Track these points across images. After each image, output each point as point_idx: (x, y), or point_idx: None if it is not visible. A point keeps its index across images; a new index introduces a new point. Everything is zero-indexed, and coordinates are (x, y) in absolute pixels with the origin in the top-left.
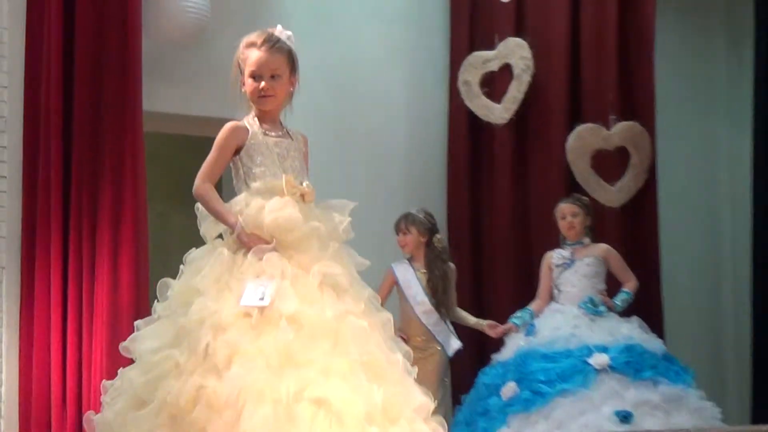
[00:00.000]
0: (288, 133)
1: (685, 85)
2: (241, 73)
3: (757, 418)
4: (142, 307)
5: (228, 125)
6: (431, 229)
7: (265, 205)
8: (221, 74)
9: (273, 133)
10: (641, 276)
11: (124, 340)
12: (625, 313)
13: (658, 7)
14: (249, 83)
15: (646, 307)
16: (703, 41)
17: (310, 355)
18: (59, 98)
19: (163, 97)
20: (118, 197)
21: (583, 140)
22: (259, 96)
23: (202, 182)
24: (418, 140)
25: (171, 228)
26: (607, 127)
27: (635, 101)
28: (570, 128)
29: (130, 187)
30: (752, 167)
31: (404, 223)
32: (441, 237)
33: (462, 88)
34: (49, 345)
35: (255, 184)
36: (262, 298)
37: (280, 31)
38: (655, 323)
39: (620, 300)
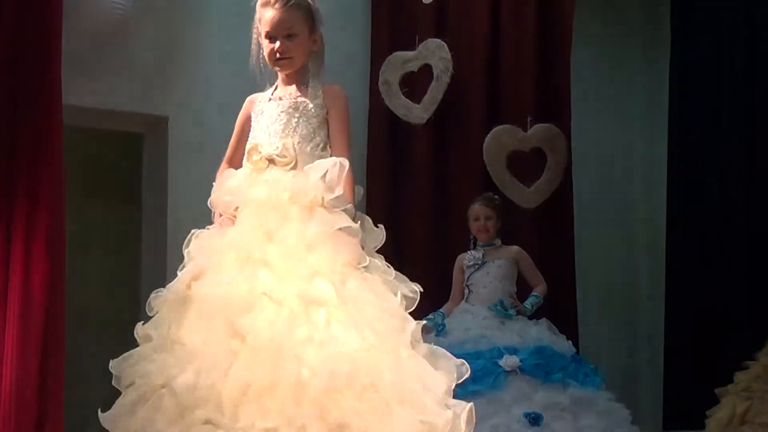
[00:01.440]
0: (308, 93)
1: (603, 88)
2: (260, 35)
3: (668, 419)
4: (58, 301)
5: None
6: None
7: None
8: (142, 69)
9: (282, 96)
10: (555, 277)
11: (36, 333)
12: (538, 312)
13: (576, 12)
14: (265, 45)
15: (560, 308)
16: (620, 45)
17: None
18: None
19: (83, 91)
20: (35, 191)
21: (499, 141)
22: (275, 59)
23: (222, 165)
24: None
25: (90, 222)
26: (524, 128)
27: (552, 103)
28: (488, 129)
29: (47, 182)
30: (667, 170)
31: None
32: None
33: (382, 88)
34: None
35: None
36: None
37: None
38: (568, 324)
39: (530, 303)
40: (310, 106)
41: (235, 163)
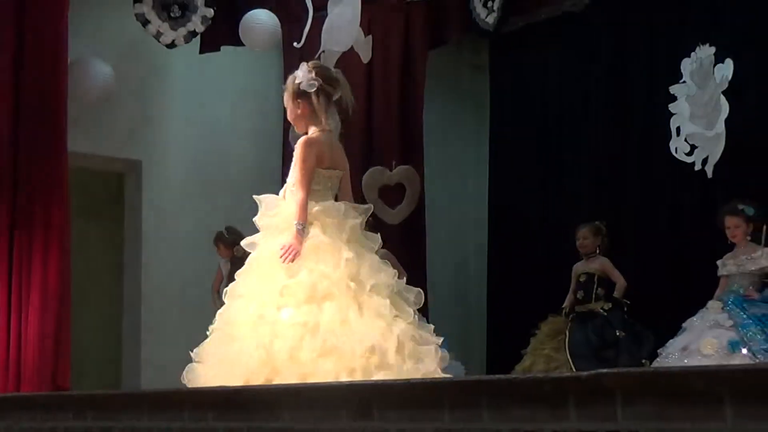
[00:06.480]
0: None
1: (445, 142)
2: None
3: (491, 372)
4: (64, 291)
5: None
6: (233, 242)
7: None
8: (123, 124)
9: None
10: (412, 271)
11: (52, 314)
12: None
13: (426, 88)
14: None
15: None
16: (456, 112)
17: None
18: (7, 144)
19: (80, 141)
20: (48, 213)
21: (372, 177)
22: None
23: None
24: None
25: (86, 236)
26: (390, 168)
27: (410, 151)
28: (365, 169)
29: (57, 206)
30: (488, 198)
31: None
32: (239, 247)
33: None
34: None
35: None
36: None
37: (297, 71)
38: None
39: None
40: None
41: None
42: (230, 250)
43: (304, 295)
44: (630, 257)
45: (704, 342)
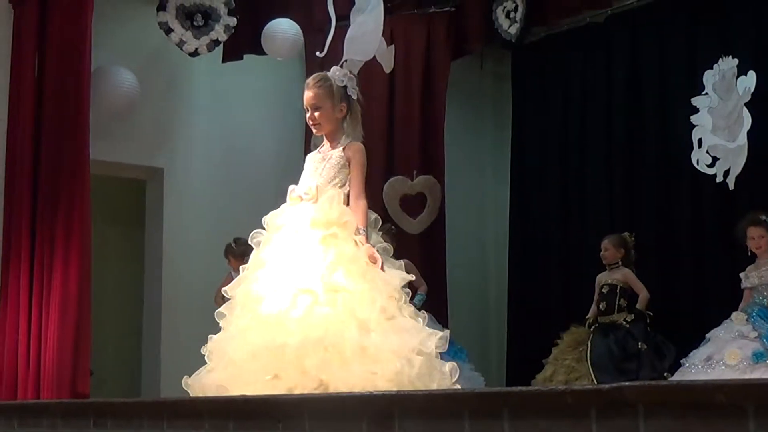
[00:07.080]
0: (336, 147)
1: (466, 152)
2: None
3: (510, 383)
4: (84, 297)
5: None
6: (242, 254)
7: None
8: (145, 133)
9: (320, 151)
10: (433, 281)
11: (72, 320)
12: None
13: (448, 98)
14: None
15: (436, 304)
16: (478, 122)
17: None
18: (30, 151)
19: (103, 148)
20: (70, 220)
21: (393, 187)
22: (310, 124)
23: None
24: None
25: (108, 242)
26: (411, 178)
27: (431, 161)
28: (386, 179)
29: (78, 212)
30: (509, 208)
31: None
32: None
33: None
34: (17, 322)
35: None
36: None
37: (332, 71)
38: (441, 315)
39: (417, 300)
40: (334, 156)
41: None
42: (239, 261)
43: (397, 293)
44: (652, 269)
45: (728, 352)
